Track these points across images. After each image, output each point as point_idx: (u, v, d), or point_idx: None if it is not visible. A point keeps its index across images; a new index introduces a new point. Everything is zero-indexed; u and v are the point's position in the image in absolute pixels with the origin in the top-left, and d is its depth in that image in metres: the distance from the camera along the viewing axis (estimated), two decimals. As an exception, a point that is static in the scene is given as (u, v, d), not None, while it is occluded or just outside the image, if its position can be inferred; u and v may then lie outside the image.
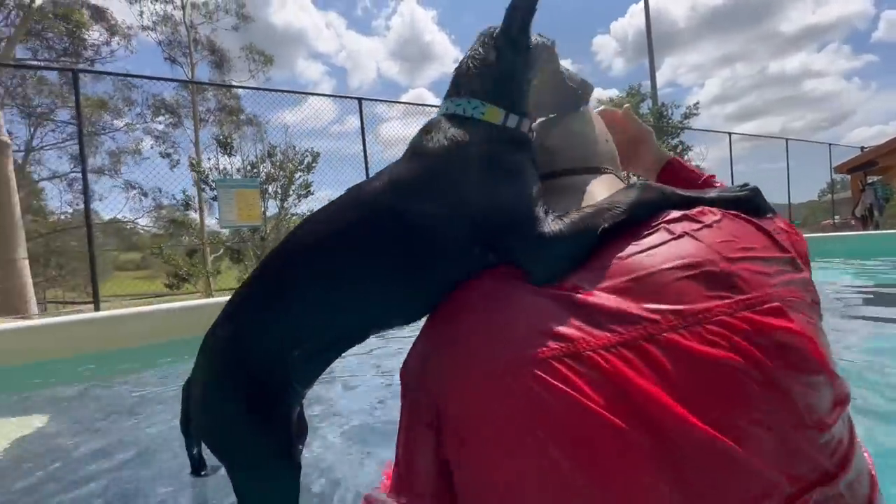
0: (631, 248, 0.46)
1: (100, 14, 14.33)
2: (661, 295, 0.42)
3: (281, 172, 8.67)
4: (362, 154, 5.89)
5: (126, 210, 14.60)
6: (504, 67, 0.60)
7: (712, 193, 0.53)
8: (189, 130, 14.97)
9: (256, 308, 0.57)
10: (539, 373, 0.40)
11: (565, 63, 0.70)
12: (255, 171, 8.67)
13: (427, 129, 0.58)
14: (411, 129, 9.25)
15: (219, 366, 0.58)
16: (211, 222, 11.38)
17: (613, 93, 15.61)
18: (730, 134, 11.22)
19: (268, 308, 0.56)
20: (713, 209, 0.50)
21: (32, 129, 14.70)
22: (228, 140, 8.21)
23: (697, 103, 14.06)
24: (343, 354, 0.61)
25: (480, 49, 0.61)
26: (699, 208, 0.50)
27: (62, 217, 15.48)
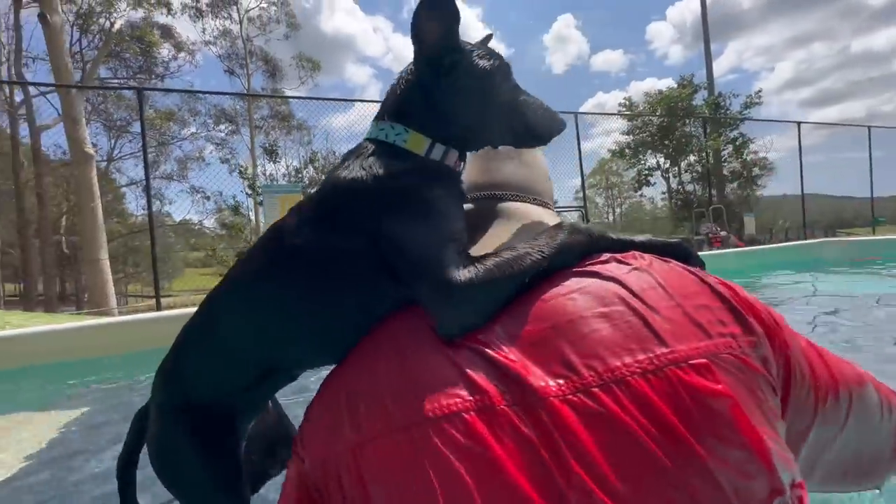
0: (553, 291, 0.43)
1: (168, 33, 15.67)
2: (579, 347, 0.38)
3: (323, 177, 9.06)
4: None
5: (192, 212, 16.01)
6: (428, 91, 0.55)
7: (642, 238, 0.50)
8: (246, 137, 16.08)
9: (194, 339, 0.58)
10: (431, 434, 0.37)
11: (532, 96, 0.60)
12: (299, 176, 9.15)
13: (346, 157, 0.55)
14: None
15: (165, 395, 0.59)
16: (263, 225, 12.14)
17: (667, 84, 14.70)
18: (799, 123, 10.24)
19: (202, 340, 0.57)
20: (643, 254, 0.46)
21: (113, 141, 16.49)
22: (274, 147, 8.70)
23: (760, 91, 12.89)
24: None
25: (412, 67, 0.56)
26: (629, 252, 0.47)
27: (139, 219, 17.17)
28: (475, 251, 0.49)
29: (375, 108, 0.66)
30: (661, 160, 14.13)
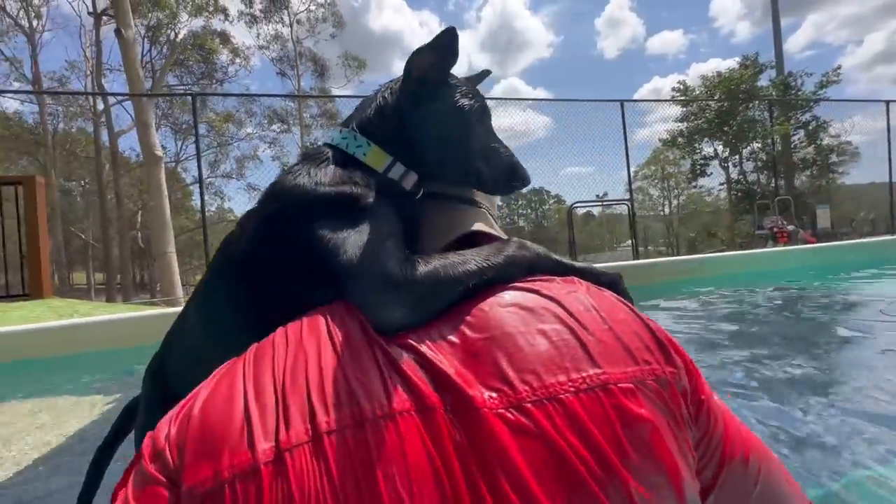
0: (494, 302, 0.43)
1: (225, 39, 16.68)
2: (515, 361, 0.38)
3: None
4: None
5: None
6: (403, 113, 0.56)
7: (582, 265, 0.51)
8: (297, 135, 16.87)
9: (174, 341, 0.63)
10: (368, 434, 0.35)
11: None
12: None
13: (302, 158, 0.55)
14: (503, 120, 9.40)
15: (152, 390, 0.64)
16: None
17: (733, 64, 13.49)
18: (887, 102, 9.10)
19: (178, 342, 0.62)
20: (581, 280, 0.47)
21: (180, 143, 17.88)
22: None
23: (839, 68, 11.59)
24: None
25: (394, 86, 0.57)
26: (570, 277, 0.48)
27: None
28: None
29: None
30: (720, 148, 13.05)
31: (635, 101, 11.38)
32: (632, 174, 8.01)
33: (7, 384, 2.10)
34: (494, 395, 0.37)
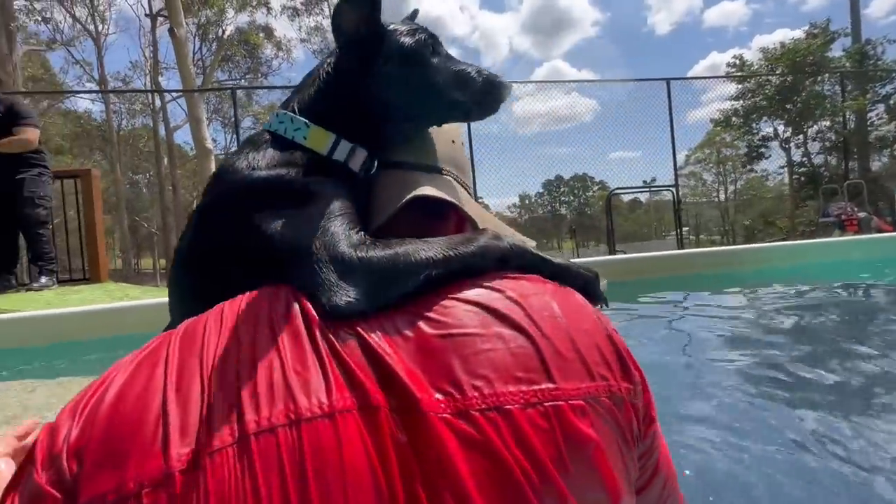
0: (456, 299, 0.40)
1: (269, 33, 17.27)
2: (469, 364, 0.36)
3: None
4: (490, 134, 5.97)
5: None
6: (347, 82, 0.52)
7: (560, 260, 0.47)
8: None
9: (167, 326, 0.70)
10: (304, 434, 0.32)
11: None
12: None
13: (242, 145, 0.52)
14: (544, 105, 9.19)
15: None
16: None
17: (799, 35, 12.24)
18: None
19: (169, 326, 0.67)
20: (552, 280, 0.44)
21: (228, 136, 18.86)
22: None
23: (929, 32, 10.21)
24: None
25: (331, 59, 0.53)
26: (541, 276, 0.45)
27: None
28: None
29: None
30: (780, 128, 11.92)
31: (683, 78, 10.53)
32: (685, 158, 7.54)
33: (60, 362, 2.30)
34: (442, 398, 0.35)
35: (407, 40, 0.52)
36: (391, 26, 0.53)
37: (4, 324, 2.34)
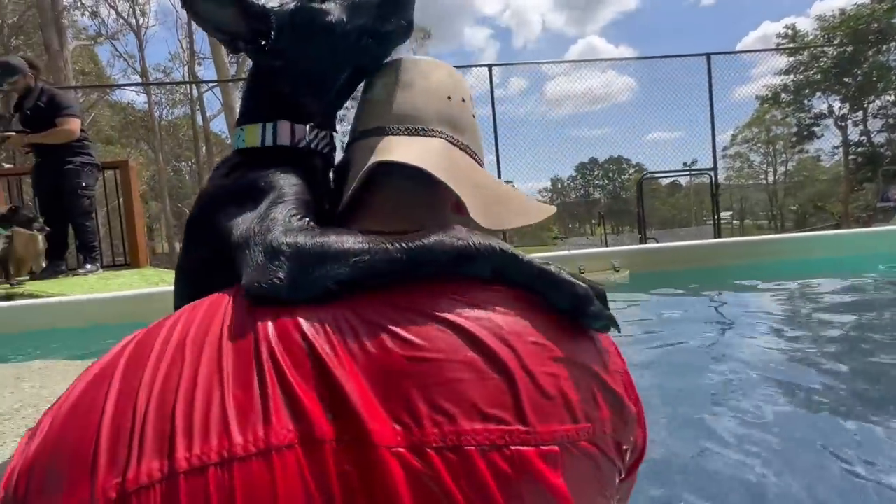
0: (427, 313, 0.36)
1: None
2: (431, 394, 0.33)
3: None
4: (529, 119, 5.85)
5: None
6: (259, 68, 0.55)
7: (552, 268, 0.40)
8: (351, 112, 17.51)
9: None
10: (236, 473, 0.30)
11: None
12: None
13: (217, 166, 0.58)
14: (578, 84, 8.89)
15: None
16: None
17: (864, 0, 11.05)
18: None
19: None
20: (542, 295, 0.39)
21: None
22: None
23: None
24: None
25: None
26: (515, 283, 0.39)
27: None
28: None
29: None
30: (837, 104, 10.87)
31: (725, 53, 9.69)
32: (730, 138, 7.07)
33: (94, 345, 2.45)
34: (399, 429, 0.32)
35: (288, 5, 0.54)
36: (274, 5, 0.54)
37: (40, 308, 2.58)
